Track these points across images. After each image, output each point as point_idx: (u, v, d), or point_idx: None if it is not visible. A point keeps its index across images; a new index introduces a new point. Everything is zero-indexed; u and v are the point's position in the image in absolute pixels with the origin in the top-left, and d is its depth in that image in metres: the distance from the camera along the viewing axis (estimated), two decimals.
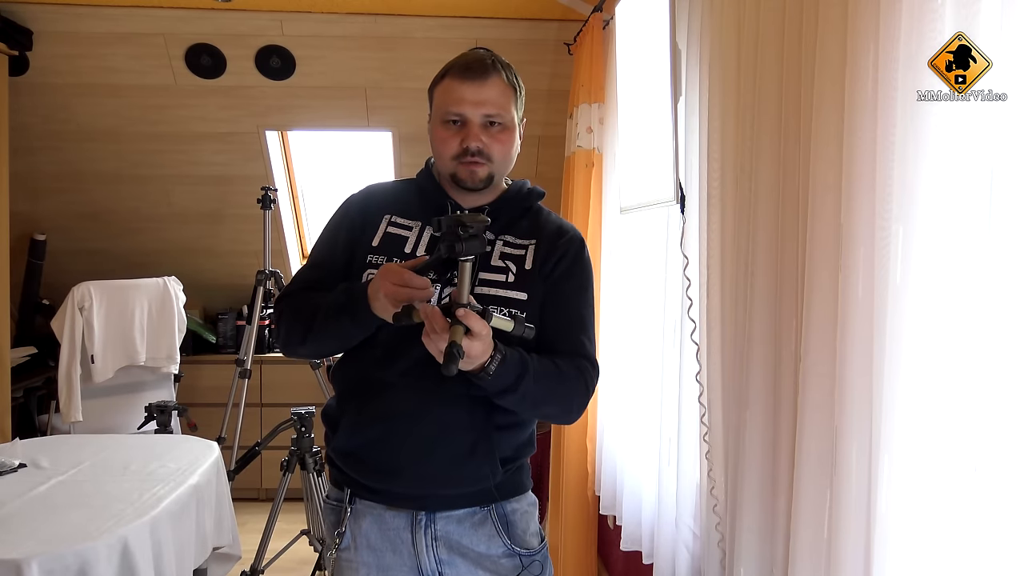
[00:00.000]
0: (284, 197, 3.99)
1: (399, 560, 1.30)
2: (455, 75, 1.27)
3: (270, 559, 2.90)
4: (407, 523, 1.30)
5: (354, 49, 3.36)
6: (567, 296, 1.32)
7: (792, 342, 1.30)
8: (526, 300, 1.27)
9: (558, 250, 1.33)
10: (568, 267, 1.33)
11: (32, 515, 1.89)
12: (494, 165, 1.29)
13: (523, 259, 1.30)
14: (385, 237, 1.31)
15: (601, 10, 2.70)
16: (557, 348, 1.28)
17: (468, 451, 1.25)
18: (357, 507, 1.32)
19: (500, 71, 1.27)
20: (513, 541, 1.32)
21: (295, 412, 2.76)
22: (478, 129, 1.26)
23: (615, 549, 2.56)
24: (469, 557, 1.30)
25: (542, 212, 1.40)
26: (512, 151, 1.31)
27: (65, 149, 3.67)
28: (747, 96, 1.45)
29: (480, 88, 1.25)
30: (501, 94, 1.27)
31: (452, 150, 1.27)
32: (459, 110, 1.25)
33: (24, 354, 3.67)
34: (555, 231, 1.35)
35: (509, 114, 1.28)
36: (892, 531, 1.04)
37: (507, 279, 1.28)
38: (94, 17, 3.19)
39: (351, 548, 1.32)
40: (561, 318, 1.31)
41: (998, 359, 0.92)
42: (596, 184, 2.74)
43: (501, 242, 1.31)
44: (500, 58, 1.30)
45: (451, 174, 1.29)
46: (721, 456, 1.59)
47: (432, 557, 1.29)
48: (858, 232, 1.08)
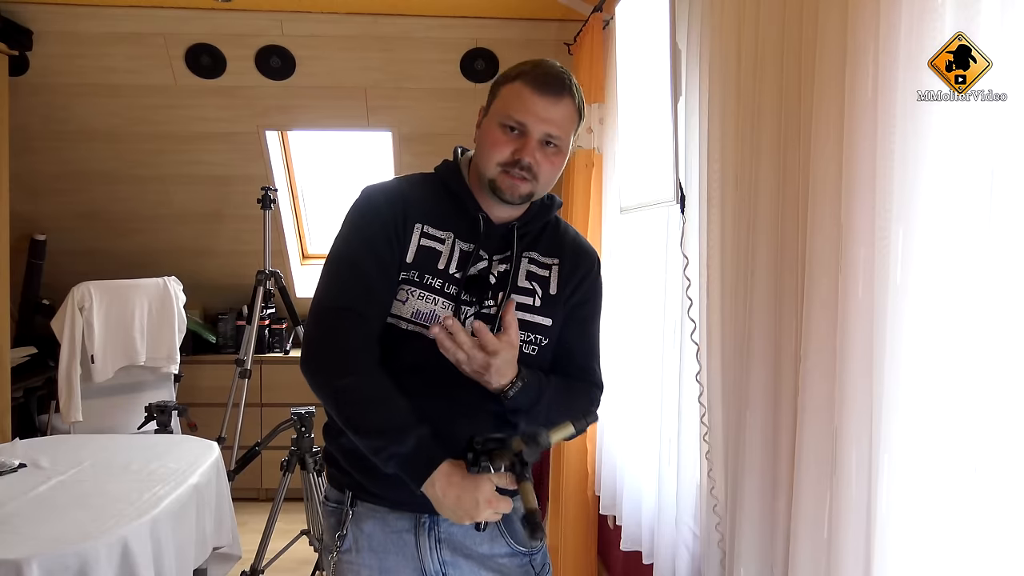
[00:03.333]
0: (284, 197, 3.99)
1: (402, 562, 1.30)
2: (531, 83, 1.21)
3: (270, 559, 2.90)
4: (411, 525, 1.29)
5: (354, 49, 3.36)
6: (583, 322, 1.35)
7: (792, 342, 1.30)
8: (549, 327, 1.29)
9: (578, 273, 1.34)
10: (587, 292, 1.35)
11: (32, 515, 1.89)
12: (538, 184, 1.24)
13: (547, 281, 1.31)
14: (419, 252, 1.25)
15: (601, 10, 2.70)
16: (570, 372, 1.32)
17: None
18: (359, 509, 1.31)
19: (574, 94, 1.24)
20: (515, 540, 1.32)
21: (295, 412, 2.76)
22: (535, 145, 1.21)
23: (615, 549, 2.56)
24: (472, 558, 1.30)
25: (560, 225, 1.39)
26: (557, 175, 1.28)
27: (65, 149, 3.67)
28: (747, 96, 1.45)
29: (552, 106, 1.21)
30: (567, 118, 1.23)
31: (503, 156, 1.22)
32: (524, 120, 1.20)
33: (24, 354, 3.67)
34: (576, 252, 1.36)
35: (568, 138, 1.25)
36: (892, 531, 1.04)
37: (533, 303, 1.28)
38: (94, 17, 3.19)
39: (352, 550, 1.31)
40: (576, 344, 1.34)
41: (998, 359, 0.92)
42: (596, 184, 2.74)
43: (526, 259, 1.30)
44: (574, 79, 1.26)
45: (491, 179, 1.24)
46: (721, 456, 1.59)
47: (436, 559, 1.29)
48: (858, 232, 1.08)
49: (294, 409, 2.78)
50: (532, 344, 1.28)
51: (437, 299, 1.23)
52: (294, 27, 3.28)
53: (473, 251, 1.26)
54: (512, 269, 1.27)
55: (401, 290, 1.23)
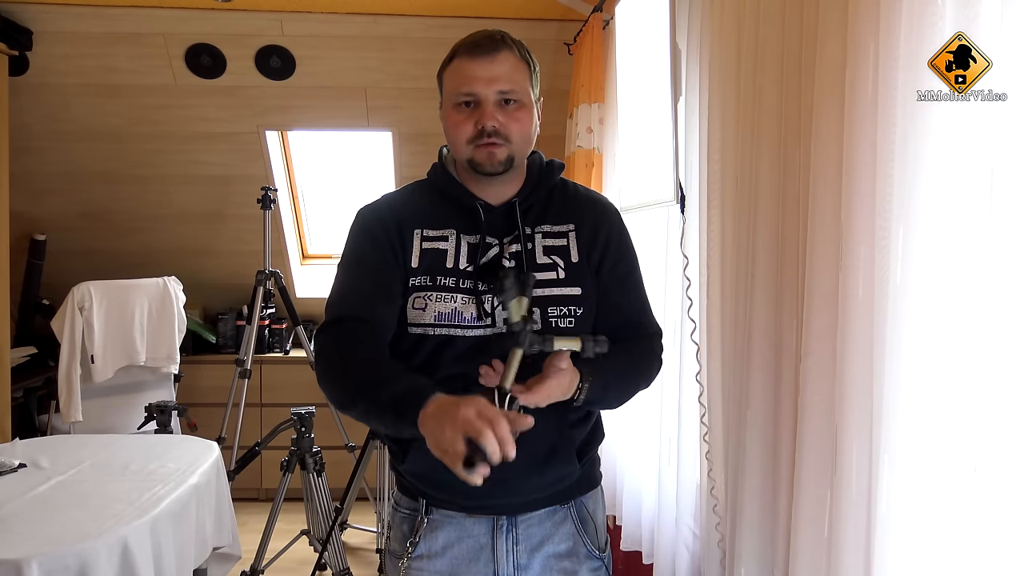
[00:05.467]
0: (284, 197, 3.99)
1: (476, 568, 1.26)
2: (464, 54, 1.19)
3: (270, 559, 2.90)
4: (488, 528, 1.26)
5: (354, 49, 3.36)
6: (623, 280, 1.29)
7: (792, 342, 1.30)
8: (581, 295, 1.23)
9: (601, 234, 1.28)
10: (616, 251, 1.29)
11: (32, 515, 1.89)
12: (513, 146, 1.20)
13: (567, 250, 1.25)
14: (423, 255, 1.23)
15: (601, 10, 2.70)
16: (627, 335, 1.25)
17: (548, 454, 1.22)
18: (435, 516, 1.27)
19: (511, 46, 1.20)
20: (590, 538, 1.30)
21: (295, 412, 2.76)
22: (493, 108, 1.18)
23: (615, 549, 2.56)
24: (549, 559, 1.27)
25: (568, 186, 1.34)
26: (531, 130, 1.23)
27: (65, 149, 3.66)
28: (747, 96, 1.45)
29: (491, 64, 1.17)
30: (514, 69, 1.19)
31: (467, 133, 1.19)
32: (471, 89, 1.17)
33: (24, 354, 3.67)
34: (591, 210, 1.30)
35: (525, 90, 1.20)
36: (892, 531, 1.04)
37: (557, 276, 1.23)
38: (94, 17, 3.19)
39: (424, 557, 1.27)
40: (623, 303, 1.29)
41: (998, 359, 0.92)
42: (596, 184, 2.74)
43: (539, 235, 1.25)
44: (510, 35, 1.22)
45: (468, 160, 1.21)
46: (721, 456, 1.59)
47: (512, 563, 1.26)
48: (858, 232, 1.08)
49: (294, 409, 2.78)
50: (568, 317, 1.22)
51: (456, 296, 1.20)
52: (294, 27, 3.28)
53: (480, 241, 1.23)
54: (523, 247, 1.22)
55: (418, 298, 1.21)
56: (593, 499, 1.33)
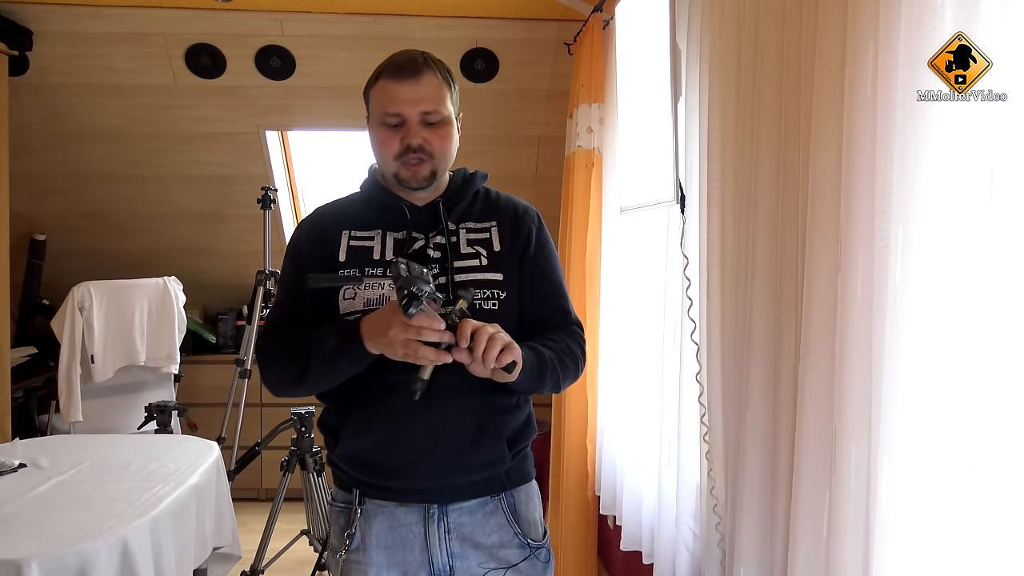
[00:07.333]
0: (284, 197, 3.99)
1: (411, 556, 1.31)
2: (388, 76, 1.29)
3: (270, 559, 2.90)
4: (419, 518, 1.31)
5: (354, 49, 3.36)
6: (543, 271, 1.39)
7: (792, 342, 1.30)
8: (502, 280, 1.32)
9: (523, 228, 1.38)
10: (537, 243, 1.39)
11: (32, 515, 1.89)
12: (436, 161, 1.30)
13: (490, 242, 1.35)
14: (350, 250, 1.32)
15: (601, 10, 2.70)
16: (550, 322, 1.37)
17: (474, 437, 1.28)
18: (367, 507, 1.33)
19: (433, 68, 1.30)
20: (522, 530, 1.34)
21: (295, 412, 2.76)
22: (417, 127, 1.28)
23: (615, 549, 2.56)
24: (481, 548, 1.32)
25: (490, 193, 1.44)
26: (452, 145, 1.33)
27: (65, 149, 3.66)
28: (747, 96, 1.45)
29: (415, 86, 1.27)
30: (436, 90, 1.29)
31: (393, 150, 1.29)
32: (396, 110, 1.28)
33: (24, 354, 3.67)
34: (512, 210, 1.41)
35: (446, 109, 1.30)
36: (891, 531, 1.04)
37: (480, 263, 1.32)
38: (94, 17, 3.19)
39: (361, 549, 1.32)
40: (547, 293, 1.38)
41: (998, 359, 0.92)
42: (596, 184, 2.74)
43: (464, 230, 1.35)
44: (431, 55, 1.32)
45: (394, 174, 1.31)
46: (721, 456, 1.59)
47: (444, 551, 1.31)
48: (858, 232, 1.08)
49: (294, 409, 2.78)
50: (492, 300, 1.31)
51: (383, 283, 1.28)
52: (294, 27, 3.28)
53: (407, 236, 1.32)
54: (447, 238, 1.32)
55: (347, 288, 1.29)
56: (526, 493, 1.37)
